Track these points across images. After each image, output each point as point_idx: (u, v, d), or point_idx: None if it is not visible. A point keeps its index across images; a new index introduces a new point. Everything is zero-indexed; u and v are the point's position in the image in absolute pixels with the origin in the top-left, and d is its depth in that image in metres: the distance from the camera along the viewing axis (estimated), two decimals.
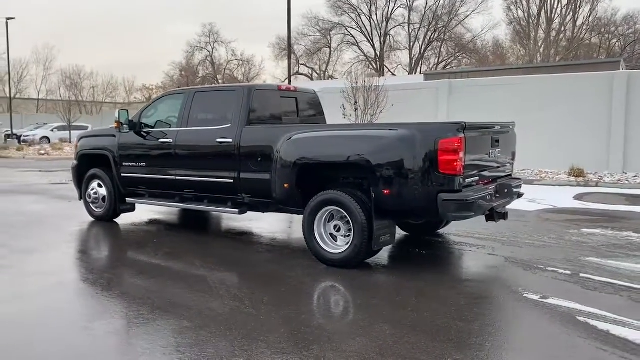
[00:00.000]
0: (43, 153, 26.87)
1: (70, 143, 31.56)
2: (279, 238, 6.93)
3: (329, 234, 5.57)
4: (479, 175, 5.41)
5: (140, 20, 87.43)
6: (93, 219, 7.99)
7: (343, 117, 16.39)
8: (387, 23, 53.68)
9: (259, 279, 5.16)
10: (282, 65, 57.14)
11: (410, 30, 53.79)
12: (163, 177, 7.03)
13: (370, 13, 53.38)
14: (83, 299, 4.63)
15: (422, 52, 54.09)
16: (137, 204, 7.80)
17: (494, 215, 5.65)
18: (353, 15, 53.60)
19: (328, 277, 5.20)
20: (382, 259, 5.78)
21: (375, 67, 54.92)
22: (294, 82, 52.09)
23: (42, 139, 34.61)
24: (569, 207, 9.42)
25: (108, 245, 6.82)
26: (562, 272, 5.27)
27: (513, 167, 6.39)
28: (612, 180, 12.51)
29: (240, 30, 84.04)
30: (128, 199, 7.61)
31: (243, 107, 6.35)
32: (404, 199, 5.08)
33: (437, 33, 52.92)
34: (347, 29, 54.43)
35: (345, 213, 5.34)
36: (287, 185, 5.77)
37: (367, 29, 54.14)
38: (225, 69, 62.68)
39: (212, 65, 62.73)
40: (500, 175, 5.98)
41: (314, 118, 7.40)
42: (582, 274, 5.17)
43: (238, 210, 6.43)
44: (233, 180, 6.32)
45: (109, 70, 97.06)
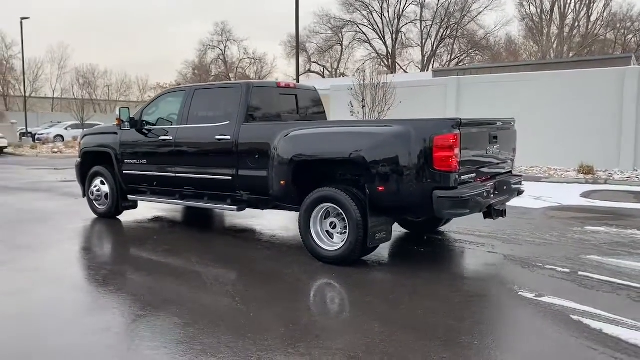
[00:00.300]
0: (56, 151, 27.14)
1: None
2: (280, 235, 6.92)
3: (326, 231, 5.55)
4: (476, 172, 5.35)
5: (154, 20, 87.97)
6: (96, 216, 8.05)
7: (351, 114, 16.35)
8: (398, 20, 53.43)
9: (255, 276, 5.16)
10: (293, 63, 56.87)
11: (422, 27, 53.56)
12: (163, 174, 7.07)
13: (382, 10, 53.18)
14: (75, 296, 4.64)
15: (434, 49, 53.78)
16: (139, 201, 7.85)
17: (492, 213, 5.58)
18: (365, 13, 53.46)
19: (324, 274, 5.19)
20: (379, 257, 5.74)
21: (387, 64, 54.71)
22: (306, 80, 52.16)
23: (56, 137, 34.93)
24: (575, 204, 9.29)
25: (108, 242, 6.86)
26: (560, 270, 5.20)
27: (514, 163, 6.31)
28: (621, 178, 12.33)
29: (253, 29, 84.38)
30: (130, 196, 7.66)
31: (241, 104, 6.35)
32: (399, 196, 5.04)
33: (449, 30, 52.59)
34: (358, 27, 54.29)
35: (341, 210, 5.32)
36: (283, 183, 5.76)
37: (378, 26, 53.96)
38: (238, 68, 62.88)
39: (224, 64, 63.00)
40: (500, 172, 5.91)
41: (315, 115, 7.37)
42: (580, 272, 5.10)
43: (236, 208, 6.44)
44: (231, 177, 6.33)
45: (123, 69, 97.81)
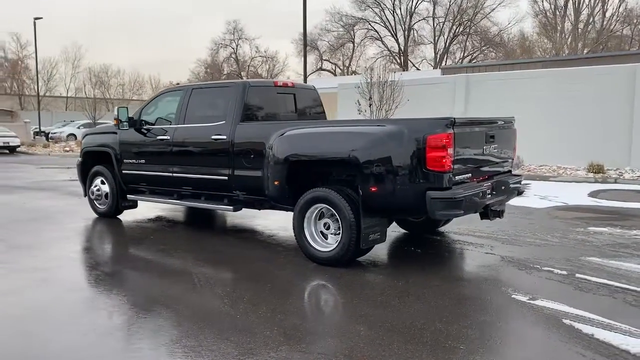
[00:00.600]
0: (68, 150, 27.39)
1: None
2: (278, 235, 6.87)
3: (320, 232, 5.50)
4: (472, 172, 5.26)
5: (166, 19, 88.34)
6: (97, 216, 8.07)
7: (358, 112, 16.27)
8: (411, 17, 53.09)
9: (246, 277, 5.12)
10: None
11: (435, 24, 53.13)
12: (161, 174, 7.06)
13: (394, 7, 52.84)
14: (65, 295, 4.63)
15: (447, 46, 53.34)
16: (140, 201, 7.85)
17: (489, 213, 5.48)
18: (376, 10, 53.13)
19: (316, 275, 5.13)
20: (375, 257, 5.67)
21: (399, 62, 54.43)
22: (317, 77, 52.09)
23: (68, 136, 35.22)
24: (581, 204, 9.13)
25: (105, 242, 6.86)
26: (557, 272, 5.09)
27: (513, 163, 6.20)
28: (632, 177, 12.11)
29: (265, 27, 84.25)
30: (129, 196, 7.67)
31: (237, 103, 6.31)
32: (392, 197, 4.96)
33: (462, 27, 52.11)
34: (370, 24, 54.04)
35: (334, 211, 5.26)
36: (277, 183, 5.71)
37: (390, 24, 53.64)
38: (250, 66, 62.99)
39: (236, 62, 63.11)
40: (498, 172, 5.80)
41: (313, 114, 7.31)
42: (578, 275, 4.99)
43: (232, 208, 6.41)
44: (227, 177, 6.30)
45: (135, 68, 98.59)
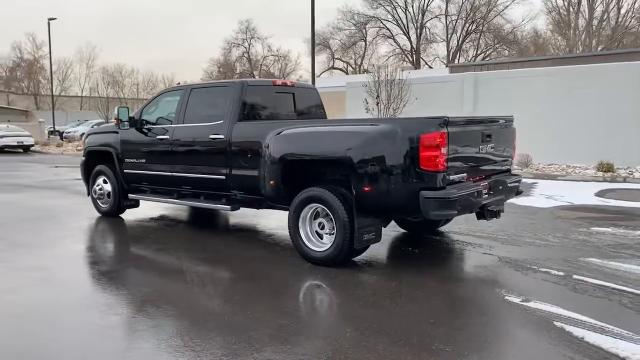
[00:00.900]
0: (80, 149, 27.64)
1: None
2: (277, 235, 6.85)
3: (315, 232, 5.48)
4: (468, 172, 5.19)
5: (179, 18, 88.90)
6: (100, 215, 8.12)
7: (366, 111, 16.21)
8: (423, 15, 52.78)
9: (240, 277, 5.12)
10: (317, 60, 56.60)
11: (448, 22, 52.78)
12: (161, 173, 7.08)
13: (406, 5, 52.55)
14: (56, 294, 4.66)
15: (459, 44, 52.95)
16: (141, 200, 7.88)
17: (485, 213, 5.42)
18: (388, 8, 52.88)
19: (310, 275, 5.10)
20: (371, 257, 5.63)
21: (411, 60, 54.16)
22: (329, 76, 52.00)
23: (82, 136, 35.59)
24: (587, 203, 9.00)
25: (104, 241, 6.88)
26: (554, 273, 5.01)
27: (512, 162, 6.12)
28: None
29: (277, 26, 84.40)
30: (130, 195, 7.71)
31: (235, 102, 6.30)
32: (385, 196, 4.93)
33: (475, 24, 51.71)
34: (382, 22, 53.79)
35: (328, 210, 5.23)
36: (272, 182, 5.70)
37: (402, 22, 53.36)
38: (262, 65, 63.11)
39: (248, 62, 63.27)
40: (496, 171, 5.73)
41: (313, 114, 7.28)
42: (575, 276, 4.91)
43: (230, 207, 6.42)
44: (225, 177, 6.30)
45: (149, 68, 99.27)
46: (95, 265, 5.59)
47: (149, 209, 8.57)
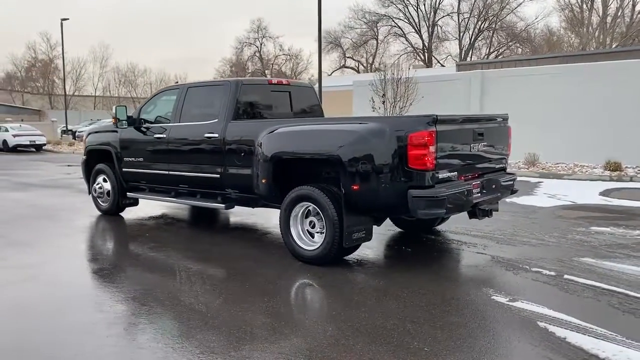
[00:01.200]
0: None
1: None
2: (273, 233, 6.85)
3: (307, 231, 5.47)
4: (459, 170, 5.15)
5: (192, 18, 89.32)
6: (100, 213, 8.19)
7: (372, 110, 16.17)
8: (435, 13, 52.52)
9: (229, 275, 5.13)
10: (328, 59, 56.78)
11: (460, 20, 52.42)
12: (158, 172, 7.12)
13: (418, 3, 52.33)
14: (40, 291, 4.69)
15: (472, 42, 52.58)
16: (140, 199, 7.93)
17: (477, 212, 5.38)
18: (400, 6, 52.68)
19: (299, 274, 5.10)
20: (363, 256, 5.62)
21: (423, 58, 53.91)
22: (340, 75, 51.93)
23: None
24: (590, 203, 8.88)
25: (99, 239, 6.92)
26: (546, 273, 4.96)
27: (507, 161, 6.06)
28: None
29: (288, 25, 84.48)
30: (129, 194, 7.76)
31: (230, 101, 6.32)
32: (374, 195, 4.91)
33: (487, 22, 51.31)
34: (393, 20, 53.60)
35: (318, 209, 5.22)
36: (264, 181, 5.70)
37: (414, 20, 53.15)
38: (273, 64, 63.24)
39: (260, 61, 63.43)
40: (489, 170, 5.67)
41: (310, 112, 7.27)
42: (566, 276, 4.85)
43: (224, 205, 6.44)
44: (219, 175, 6.31)
45: (162, 68, 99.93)
46: (87, 263, 5.64)
47: (150, 208, 8.62)
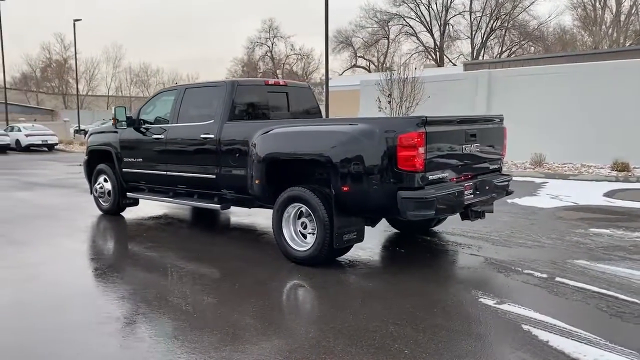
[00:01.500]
0: None
1: None
2: (270, 233, 6.78)
3: (299, 232, 5.48)
4: (451, 172, 5.12)
5: (204, 18, 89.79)
6: (101, 213, 8.27)
7: (378, 110, 16.13)
8: (446, 12, 52.27)
9: (220, 276, 5.15)
10: (339, 58, 57.01)
11: (472, 19, 52.14)
12: (157, 172, 7.17)
13: (429, 2, 52.11)
14: (32, 290, 4.76)
15: (484, 41, 52.24)
16: (140, 199, 7.99)
17: (469, 214, 5.34)
18: (411, 5, 52.54)
19: (289, 275, 5.11)
20: (356, 257, 5.61)
21: (435, 57, 53.66)
22: (351, 74, 51.86)
23: None
24: (593, 204, 8.79)
25: (97, 239, 6.98)
26: (537, 275, 4.92)
27: (502, 162, 6.02)
28: None
29: (300, 24, 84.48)
30: (128, 194, 7.83)
31: (225, 102, 6.34)
32: (364, 196, 4.91)
33: (499, 21, 50.96)
34: (405, 19, 53.45)
35: (309, 210, 5.23)
36: (258, 181, 5.72)
37: (425, 19, 52.95)
38: (285, 64, 63.35)
39: (271, 60, 63.57)
40: (483, 171, 5.64)
41: (307, 113, 7.27)
42: (558, 278, 4.81)
43: (220, 206, 6.46)
44: (215, 176, 6.34)
45: (174, 67, 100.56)
46: (82, 263, 5.70)
47: (151, 208, 8.69)
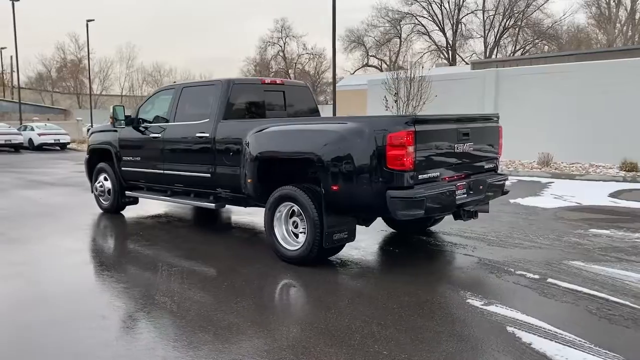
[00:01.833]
0: None
1: None
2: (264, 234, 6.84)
3: (291, 231, 5.46)
4: (442, 171, 5.06)
5: (217, 17, 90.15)
6: (102, 211, 8.32)
7: (385, 109, 16.07)
8: (459, 11, 51.98)
9: (208, 275, 5.15)
10: (351, 58, 56.99)
11: (485, 18, 51.75)
12: (154, 171, 7.19)
13: (442, 1, 51.85)
14: (27, 288, 4.80)
15: (497, 39, 51.83)
16: (139, 197, 8.02)
17: (462, 214, 5.28)
18: (424, 4, 52.30)
19: (278, 275, 5.09)
20: (348, 257, 5.58)
21: (447, 56, 53.36)
22: (363, 73, 51.74)
23: None
24: (596, 204, 8.65)
25: (93, 237, 6.99)
26: (529, 276, 4.85)
27: (498, 161, 5.95)
28: None
29: (311, 24, 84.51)
30: (127, 192, 7.86)
31: (221, 101, 6.34)
32: (353, 195, 4.87)
33: (513, 20, 50.51)
34: (417, 18, 53.22)
35: (300, 209, 5.21)
36: (250, 180, 5.72)
37: (438, 18, 52.71)
38: (297, 63, 63.39)
39: (284, 60, 63.65)
40: (477, 171, 5.57)
41: (304, 112, 7.25)
42: (550, 279, 4.74)
43: (215, 205, 6.47)
44: (210, 175, 6.34)
45: (187, 66, 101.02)
46: (76, 261, 5.72)
47: (152, 206, 8.71)
